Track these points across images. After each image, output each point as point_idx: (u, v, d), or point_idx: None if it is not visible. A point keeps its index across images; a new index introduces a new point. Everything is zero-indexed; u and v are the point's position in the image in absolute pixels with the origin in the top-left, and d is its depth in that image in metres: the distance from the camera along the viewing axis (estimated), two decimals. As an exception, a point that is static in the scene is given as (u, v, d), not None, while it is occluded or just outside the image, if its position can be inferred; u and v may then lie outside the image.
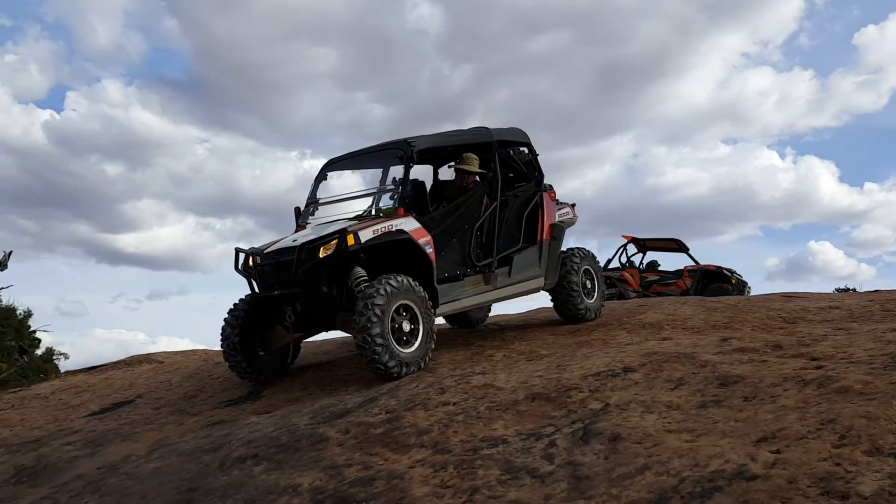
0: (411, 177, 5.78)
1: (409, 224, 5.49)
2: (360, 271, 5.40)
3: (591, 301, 6.83)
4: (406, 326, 5.17)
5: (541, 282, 6.51)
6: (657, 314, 6.57)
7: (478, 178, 6.47)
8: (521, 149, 6.86)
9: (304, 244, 5.37)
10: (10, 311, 10.94)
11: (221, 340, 5.93)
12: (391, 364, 4.97)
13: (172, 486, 3.71)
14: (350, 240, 5.18)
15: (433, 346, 5.38)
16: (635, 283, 13.86)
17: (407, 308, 5.20)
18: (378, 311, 4.91)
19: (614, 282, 13.64)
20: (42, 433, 5.90)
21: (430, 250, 5.56)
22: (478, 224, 6.09)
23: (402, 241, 5.44)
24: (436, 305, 5.54)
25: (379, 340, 4.91)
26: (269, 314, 5.83)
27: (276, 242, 5.81)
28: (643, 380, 3.91)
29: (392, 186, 5.77)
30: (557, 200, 6.96)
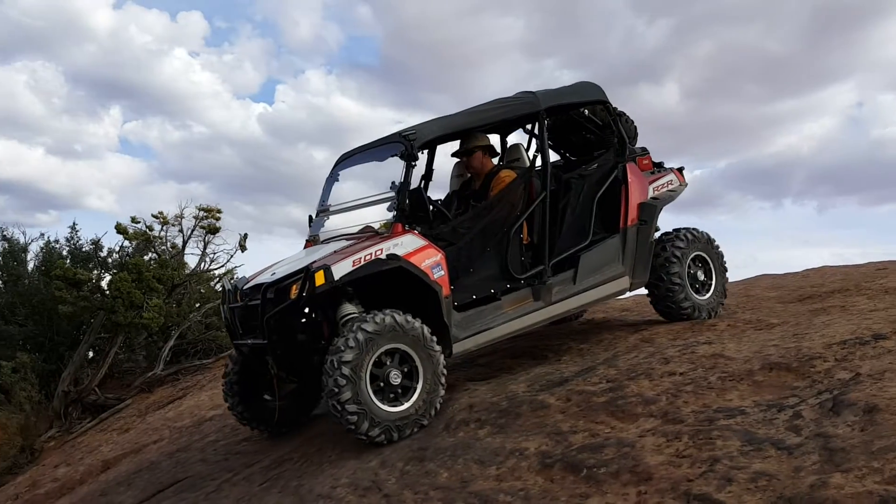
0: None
1: (406, 245, 4.33)
2: (348, 308, 4.32)
3: (704, 297, 5.40)
4: (395, 378, 4.08)
5: (625, 282, 5.22)
6: (903, 279, 5.90)
7: (496, 160, 5.38)
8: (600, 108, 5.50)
9: (270, 284, 4.31)
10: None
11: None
12: (374, 433, 3.97)
13: (404, 444, 3.94)
14: (319, 278, 4.05)
15: (442, 393, 4.28)
16: None
17: (397, 353, 4.12)
18: (346, 371, 3.88)
19: None
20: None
21: (439, 274, 4.38)
22: (518, 223, 4.85)
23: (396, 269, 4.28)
24: (449, 342, 4.43)
25: (351, 408, 3.89)
26: None
27: (264, 271, 4.78)
28: (899, 348, 3.52)
29: (392, 193, 4.54)
30: (657, 166, 5.61)
